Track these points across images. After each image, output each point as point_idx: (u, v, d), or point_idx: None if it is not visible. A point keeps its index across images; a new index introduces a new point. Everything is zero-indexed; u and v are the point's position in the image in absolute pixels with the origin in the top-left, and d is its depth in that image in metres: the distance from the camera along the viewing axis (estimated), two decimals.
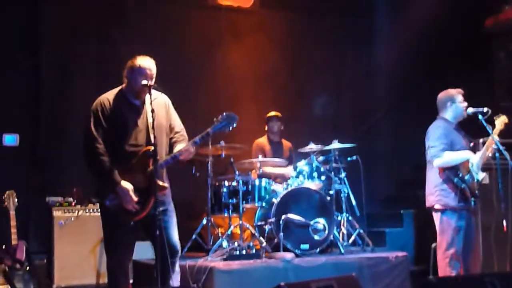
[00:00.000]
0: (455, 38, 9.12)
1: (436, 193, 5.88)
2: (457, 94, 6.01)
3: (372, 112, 9.51)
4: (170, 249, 4.66)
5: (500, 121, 5.87)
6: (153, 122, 4.58)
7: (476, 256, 6.31)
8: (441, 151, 5.77)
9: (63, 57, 7.87)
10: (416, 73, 9.15)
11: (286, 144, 8.15)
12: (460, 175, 5.73)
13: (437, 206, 5.88)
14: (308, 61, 9.23)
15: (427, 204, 6.00)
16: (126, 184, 4.66)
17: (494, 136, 5.75)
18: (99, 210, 4.98)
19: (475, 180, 5.74)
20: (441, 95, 6.09)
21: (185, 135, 5.02)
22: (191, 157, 4.87)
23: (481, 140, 6.62)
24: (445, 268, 5.83)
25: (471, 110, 5.86)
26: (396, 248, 7.37)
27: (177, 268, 4.89)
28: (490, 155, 5.83)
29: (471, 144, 5.97)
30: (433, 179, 5.91)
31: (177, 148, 4.85)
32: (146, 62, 4.80)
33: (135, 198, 4.66)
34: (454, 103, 5.98)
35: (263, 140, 8.09)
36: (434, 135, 5.89)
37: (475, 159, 5.75)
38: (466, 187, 5.71)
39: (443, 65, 9.03)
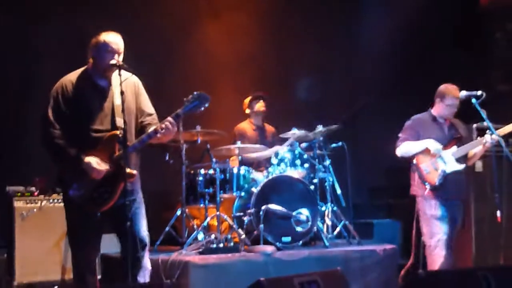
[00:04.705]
0: (448, 18, 9.16)
1: (411, 182, 6.28)
2: (449, 95, 6.13)
3: (360, 96, 9.53)
4: (138, 242, 4.69)
5: None
6: (122, 104, 4.56)
7: (468, 249, 6.39)
8: (401, 142, 6.19)
9: (24, 37, 7.69)
10: (408, 54, 9.18)
11: (269, 129, 8.18)
12: (415, 164, 6.07)
13: (412, 194, 6.26)
14: (292, 40, 9.20)
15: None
16: (89, 158, 4.62)
17: (499, 133, 5.87)
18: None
19: (438, 169, 5.96)
20: (439, 88, 6.24)
21: (156, 119, 4.98)
22: (171, 135, 4.81)
23: (474, 126, 6.68)
24: (429, 257, 6.07)
25: (464, 93, 5.96)
26: (384, 240, 7.40)
27: (144, 263, 4.87)
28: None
29: (457, 136, 6.10)
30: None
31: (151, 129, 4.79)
32: (112, 37, 4.79)
33: (106, 166, 4.63)
34: (441, 102, 6.18)
35: (244, 125, 8.10)
36: (404, 126, 6.32)
37: (434, 146, 5.98)
38: (421, 174, 6.02)
39: (436, 47, 9.10)
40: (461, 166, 6.00)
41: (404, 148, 6.16)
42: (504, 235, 6.10)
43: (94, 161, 4.61)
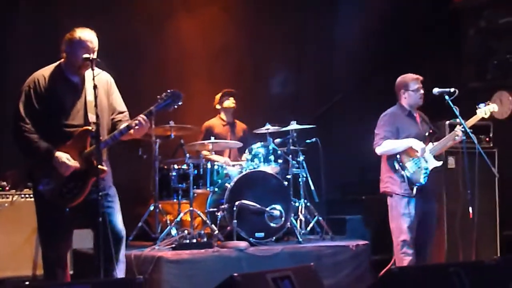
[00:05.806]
0: (422, 15, 9.22)
1: (384, 180, 6.17)
2: (411, 81, 6.13)
3: (334, 92, 9.54)
4: (114, 236, 4.66)
5: (487, 109, 6.01)
6: (95, 99, 4.52)
7: (440, 245, 6.44)
8: (382, 139, 6.02)
9: None
10: (382, 51, 9.24)
11: (240, 125, 8.17)
12: (400, 163, 5.94)
13: (386, 192, 6.14)
14: (265, 35, 9.20)
15: (380, 190, 6.27)
16: (60, 153, 4.61)
17: (467, 125, 5.86)
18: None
19: (422, 168, 5.90)
20: (397, 82, 6.23)
21: (128, 116, 4.97)
22: (144, 132, 4.81)
23: (447, 122, 6.73)
24: (397, 255, 6.05)
25: (437, 90, 5.92)
26: (357, 236, 7.45)
27: (121, 257, 4.86)
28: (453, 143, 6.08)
29: (429, 132, 6.08)
30: (382, 166, 6.19)
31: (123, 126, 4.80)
32: (87, 34, 4.74)
33: (75, 164, 4.62)
34: (407, 91, 6.13)
35: (214, 121, 8.05)
36: (379, 122, 6.16)
37: (418, 145, 5.91)
38: (406, 174, 5.90)
39: (410, 43, 9.15)
40: (440, 163, 5.96)
41: (386, 147, 6.00)
42: (476, 231, 6.15)
43: (65, 157, 4.60)
